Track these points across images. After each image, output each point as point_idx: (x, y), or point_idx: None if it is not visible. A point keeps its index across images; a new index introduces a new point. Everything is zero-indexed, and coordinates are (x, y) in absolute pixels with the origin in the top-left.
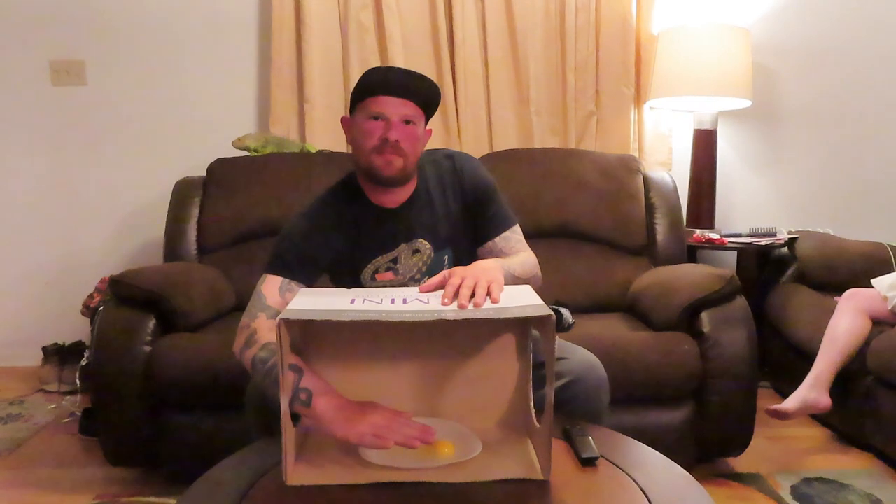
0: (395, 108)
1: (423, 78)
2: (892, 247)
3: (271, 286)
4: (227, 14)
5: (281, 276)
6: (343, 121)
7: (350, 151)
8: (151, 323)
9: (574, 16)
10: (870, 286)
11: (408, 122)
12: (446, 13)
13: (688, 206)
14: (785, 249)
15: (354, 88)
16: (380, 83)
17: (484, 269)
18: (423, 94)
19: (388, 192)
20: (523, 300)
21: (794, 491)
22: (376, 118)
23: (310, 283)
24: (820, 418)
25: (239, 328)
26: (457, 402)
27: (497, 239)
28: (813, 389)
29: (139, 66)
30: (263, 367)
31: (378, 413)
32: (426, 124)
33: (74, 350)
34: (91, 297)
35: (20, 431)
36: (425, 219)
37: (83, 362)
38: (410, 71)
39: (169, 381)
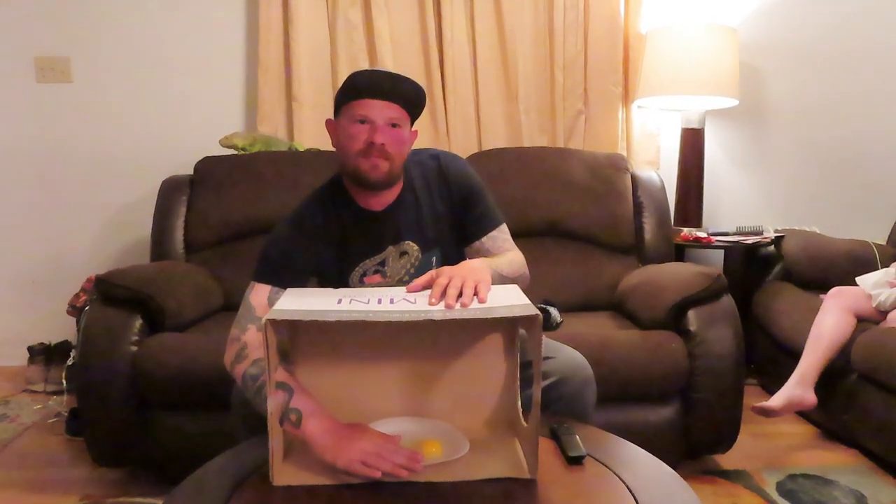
0: (380, 111)
1: (407, 80)
2: (876, 245)
3: (260, 295)
4: (214, 11)
5: (269, 283)
6: (328, 124)
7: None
8: (138, 322)
9: (562, 14)
10: (855, 284)
11: (393, 125)
12: (435, 11)
13: (675, 205)
14: (771, 248)
15: (339, 91)
16: (365, 86)
17: (471, 269)
18: (409, 97)
19: (374, 195)
20: (510, 300)
21: (780, 487)
22: (362, 121)
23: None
24: (805, 415)
25: (229, 340)
26: (444, 402)
27: (484, 239)
28: (798, 387)
29: (126, 63)
30: (254, 385)
31: (367, 439)
32: (412, 126)
33: (61, 350)
34: (77, 296)
35: (6, 432)
36: (412, 220)
37: (69, 362)
38: (395, 73)
39: (155, 381)
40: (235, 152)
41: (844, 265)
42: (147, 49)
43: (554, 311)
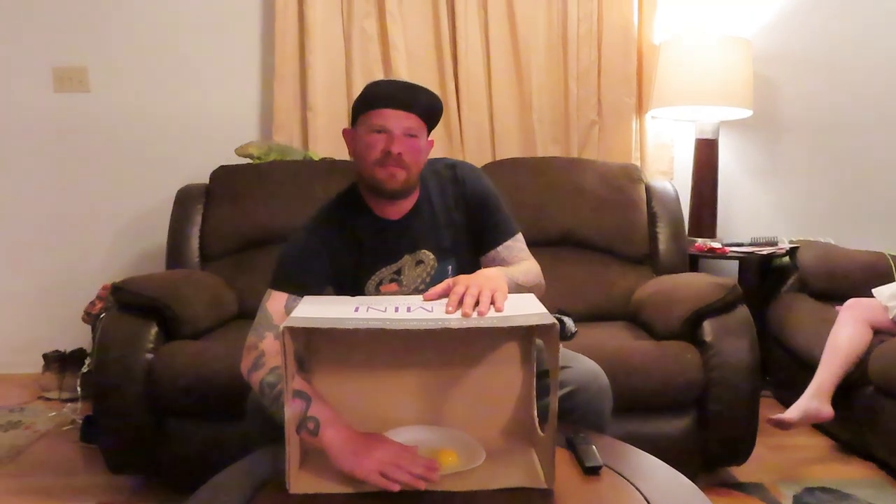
0: (397, 120)
1: (424, 90)
2: (892, 256)
3: (277, 303)
4: (230, 22)
5: (286, 291)
6: (345, 133)
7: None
8: (153, 330)
9: (576, 25)
10: (871, 296)
11: (410, 134)
12: (450, 22)
13: (689, 216)
14: (786, 259)
15: (356, 101)
16: (382, 96)
17: (487, 278)
18: (425, 107)
19: (390, 204)
20: (527, 308)
21: (797, 500)
22: (379, 131)
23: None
24: (822, 428)
25: (246, 347)
26: (460, 411)
27: (500, 248)
28: (815, 399)
29: (142, 73)
30: (272, 393)
31: (384, 448)
32: (428, 136)
33: (75, 357)
34: (92, 304)
35: (20, 439)
36: (428, 229)
37: (84, 369)
38: (412, 83)
39: (171, 388)
40: (251, 161)
41: (860, 277)
42: (163, 58)
43: (569, 321)
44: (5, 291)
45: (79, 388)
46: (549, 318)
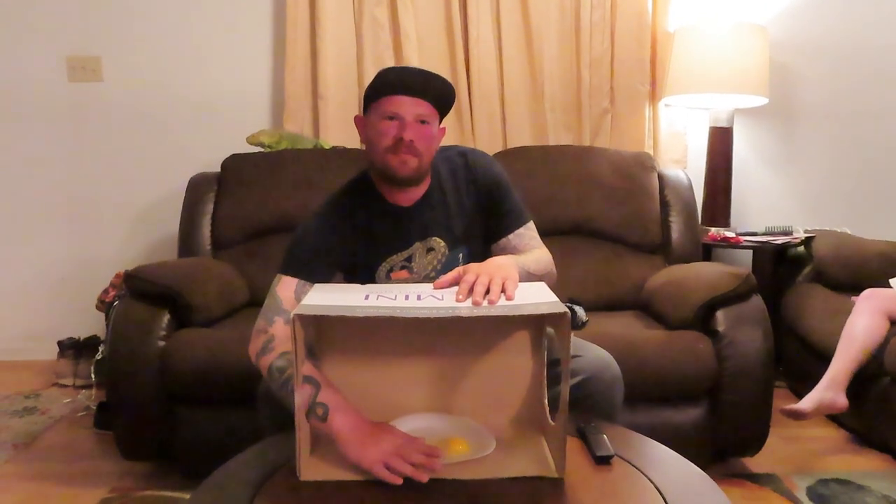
0: (409, 107)
1: (437, 77)
2: None
3: (287, 288)
4: (241, 11)
5: (296, 277)
6: (357, 120)
7: (363, 149)
8: (166, 318)
9: (589, 12)
10: (888, 286)
11: (422, 121)
12: (461, 9)
13: (703, 205)
14: (801, 248)
15: (368, 88)
16: (394, 83)
17: (498, 266)
18: (438, 94)
19: (402, 191)
20: (538, 297)
21: (810, 492)
22: (391, 118)
23: (325, 283)
24: (836, 419)
25: (255, 331)
26: (471, 399)
27: (511, 236)
28: (829, 390)
29: (155, 62)
30: (280, 377)
31: (390, 439)
32: (440, 123)
33: (89, 344)
34: (106, 291)
35: (36, 425)
36: (439, 217)
37: (98, 356)
38: (425, 70)
39: (183, 375)
40: (262, 150)
41: (876, 266)
42: (176, 48)
43: (580, 310)
44: (21, 279)
45: (93, 375)
46: (560, 307)
